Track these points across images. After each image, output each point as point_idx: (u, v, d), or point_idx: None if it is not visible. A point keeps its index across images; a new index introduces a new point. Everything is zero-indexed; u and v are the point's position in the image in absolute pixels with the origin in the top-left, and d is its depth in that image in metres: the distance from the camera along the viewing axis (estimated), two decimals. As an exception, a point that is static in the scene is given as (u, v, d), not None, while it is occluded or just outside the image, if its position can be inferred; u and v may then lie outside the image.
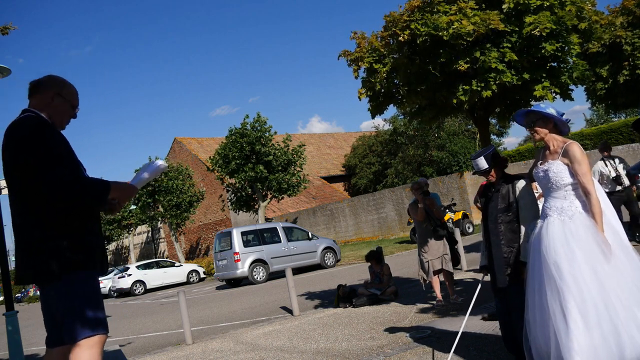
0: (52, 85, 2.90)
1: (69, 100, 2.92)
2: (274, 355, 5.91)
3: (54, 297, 2.68)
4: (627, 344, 2.99)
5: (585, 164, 3.32)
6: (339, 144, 41.92)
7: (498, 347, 4.58)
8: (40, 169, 2.57)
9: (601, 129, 32.66)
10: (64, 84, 2.94)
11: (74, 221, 2.70)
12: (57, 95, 2.87)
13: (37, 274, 2.65)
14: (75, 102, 2.97)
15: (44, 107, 2.84)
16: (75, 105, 2.97)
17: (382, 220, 25.66)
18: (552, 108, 3.48)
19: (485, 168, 4.00)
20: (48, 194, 2.58)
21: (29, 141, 2.61)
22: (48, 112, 2.84)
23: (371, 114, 8.05)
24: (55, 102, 2.86)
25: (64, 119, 2.92)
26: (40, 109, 2.83)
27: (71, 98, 2.94)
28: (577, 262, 3.15)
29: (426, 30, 6.26)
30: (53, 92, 2.87)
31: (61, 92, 2.90)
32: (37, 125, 2.67)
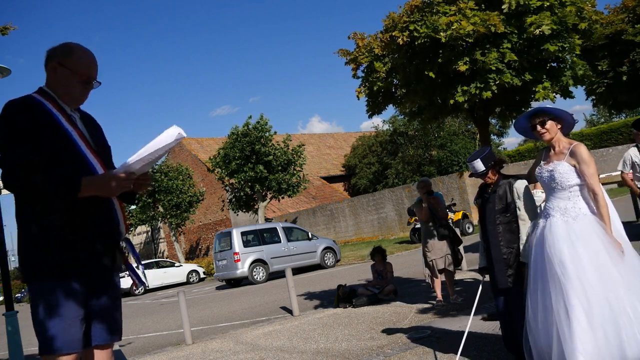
0: (54, 55, 2.50)
1: (75, 71, 2.47)
2: (274, 355, 5.91)
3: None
4: (631, 344, 2.99)
5: (593, 165, 3.33)
6: (338, 144, 41.91)
7: (498, 347, 4.58)
8: (2, 151, 2.30)
9: (601, 129, 32.67)
10: (70, 51, 2.49)
11: (47, 215, 2.32)
12: (60, 66, 2.47)
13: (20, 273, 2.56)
14: (83, 72, 2.49)
15: (50, 82, 2.50)
16: (84, 75, 2.49)
17: (382, 221, 25.66)
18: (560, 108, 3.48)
19: (482, 170, 3.98)
20: (2, 178, 2.28)
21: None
22: (54, 87, 2.49)
23: (369, 114, 8.05)
24: (58, 75, 2.47)
25: (72, 93, 2.50)
26: (49, 84, 2.50)
27: (77, 68, 2.47)
28: (582, 262, 3.15)
29: (425, 32, 6.26)
30: (55, 63, 2.48)
31: (64, 62, 2.47)
32: (13, 106, 2.35)
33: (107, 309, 2.46)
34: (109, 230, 2.46)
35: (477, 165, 3.97)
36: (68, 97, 2.50)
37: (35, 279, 2.31)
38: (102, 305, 2.45)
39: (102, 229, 2.43)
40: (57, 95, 2.48)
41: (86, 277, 2.36)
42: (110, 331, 2.48)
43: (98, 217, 2.42)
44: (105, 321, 2.45)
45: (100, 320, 2.44)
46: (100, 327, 2.44)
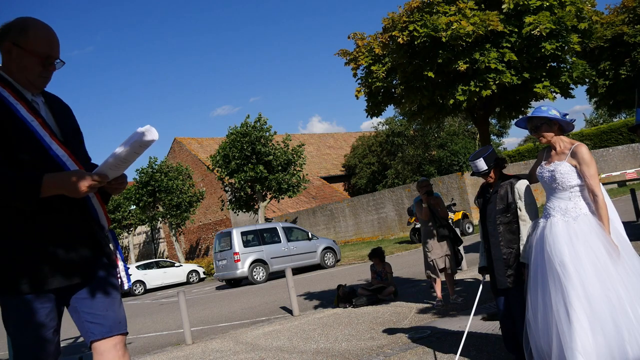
0: (7, 33, 2.19)
1: (32, 51, 2.16)
2: (274, 355, 5.91)
3: None
4: (632, 344, 2.99)
5: (594, 165, 3.33)
6: (338, 144, 41.92)
7: (498, 347, 4.59)
8: None
9: (601, 129, 32.67)
10: (24, 28, 2.17)
11: (8, 219, 2.11)
12: (14, 47, 2.17)
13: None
14: (42, 51, 2.17)
15: (5, 65, 2.22)
16: (43, 55, 2.18)
17: (382, 221, 25.66)
18: (554, 109, 3.48)
19: (484, 170, 3.98)
20: None
21: None
22: (10, 70, 2.21)
23: (369, 114, 8.05)
24: (14, 56, 2.18)
25: (29, 76, 2.20)
26: (4, 68, 2.23)
27: (34, 47, 2.16)
28: (582, 262, 3.15)
29: (425, 32, 6.26)
30: (8, 43, 2.18)
31: (18, 41, 2.16)
32: None
33: (98, 306, 2.29)
34: (85, 223, 2.26)
35: (480, 165, 3.97)
36: (27, 81, 2.21)
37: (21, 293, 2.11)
38: (90, 305, 2.28)
39: (77, 224, 2.22)
40: (15, 80, 2.20)
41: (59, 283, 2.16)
42: (109, 325, 2.31)
43: (70, 212, 2.21)
44: (99, 316, 2.29)
45: (92, 317, 2.28)
46: (95, 322, 2.29)
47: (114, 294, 2.37)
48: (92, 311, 2.27)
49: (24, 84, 2.22)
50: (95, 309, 2.27)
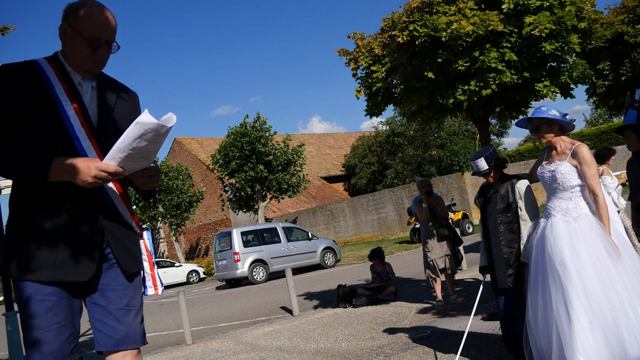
0: (65, 14, 2.11)
1: (81, 32, 2.05)
2: (274, 355, 5.91)
3: None
4: (632, 344, 2.99)
5: (594, 166, 3.33)
6: (338, 144, 41.92)
7: (498, 347, 4.59)
8: None
9: (601, 129, 32.66)
10: (78, 8, 2.08)
11: (23, 203, 2.05)
12: (68, 27, 2.08)
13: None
14: (90, 33, 2.05)
15: (62, 46, 2.14)
16: (91, 37, 2.05)
17: (382, 221, 25.66)
18: (554, 109, 3.48)
19: (485, 169, 3.98)
20: None
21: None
22: (64, 52, 2.14)
23: (369, 114, 8.05)
24: (67, 37, 2.10)
25: (79, 58, 2.09)
26: (62, 49, 2.16)
27: (83, 28, 2.05)
28: (582, 262, 3.15)
29: (425, 32, 6.26)
30: (64, 24, 2.09)
31: (71, 22, 2.07)
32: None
33: (109, 315, 2.14)
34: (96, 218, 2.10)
35: (481, 164, 3.97)
36: (77, 64, 2.11)
37: (17, 277, 2.04)
38: (101, 312, 2.15)
39: (87, 218, 2.08)
40: (68, 62, 2.13)
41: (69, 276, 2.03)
42: (117, 339, 2.15)
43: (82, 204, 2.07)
44: (108, 326, 2.14)
45: (101, 326, 2.15)
46: (103, 332, 2.15)
47: (132, 303, 2.20)
48: (102, 319, 2.14)
49: (75, 67, 2.12)
50: (105, 317, 2.14)
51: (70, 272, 2.02)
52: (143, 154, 1.99)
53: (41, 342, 2.00)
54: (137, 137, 1.90)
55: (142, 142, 1.92)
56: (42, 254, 1.99)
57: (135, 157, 1.98)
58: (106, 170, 1.93)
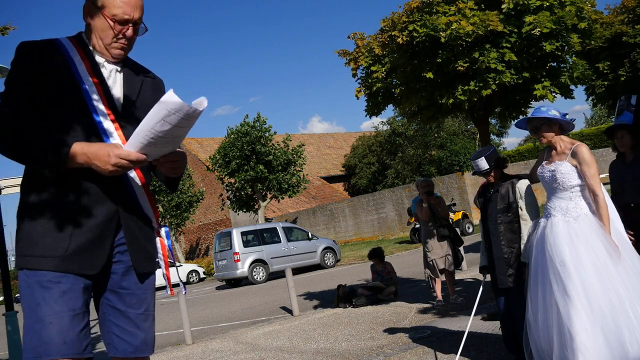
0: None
1: (104, 11, 1.91)
2: (274, 355, 5.91)
3: None
4: (632, 344, 2.99)
5: (594, 165, 3.33)
6: (338, 144, 41.92)
7: (498, 347, 4.59)
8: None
9: (601, 129, 32.67)
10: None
11: (36, 187, 1.89)
12: (92, 5, 1.94)
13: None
14: (115, 12, 1.91)
15: (86, 26, 2.01)
16: (116, 15, 1.91)
17: (382, 221, 25.66)
18: (554, 109, 3.48)
19: (486, 169, 3.98)
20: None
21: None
22: (88, 31, 2.00)
23: (368, 114, 8.06)
24: (91, 16, 1.96)
25: (104, 39, 1.95)
26: (86, 30, 2.02)
27: (106, 7, 1.91)
28: (583, 262, 3.15)
29: (425, 32, 6.26)
30: (89, 3, 1.96)
31: (96, 0, 1.93)
32: (22, 47, 1.91)
33: (128, 320, 2.01)
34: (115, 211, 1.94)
35: (481, 164, 3.98)
36: (101, 46, 1.96)
37: (22, 265, 1.88)
38: (119, 316, 2.00)
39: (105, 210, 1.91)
40: (90, 42, 1.98)
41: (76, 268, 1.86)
42: (135, 345, 2.01)
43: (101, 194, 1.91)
44: (127, 332, 2.00)
45: (119, 331, 2.00)
46: (122, 338, 2.00)
47: (150, 308, 2.08)
48: (120, 324, 2.00)
49: (100, 49, 1.97)
50: (124, 322, 2.00)
51: (78, 264, 1.86)
52: (167, 139, 1.80)
53: (55, 330, 1.78)
54: (160, 120, 1.71)
55: (165, 125, 1.73)
56: (53, 243, 1.83)
57: (159, 143, 1.80)
58: (127, 158, 1.77)
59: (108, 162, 1.77)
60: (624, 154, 4.31)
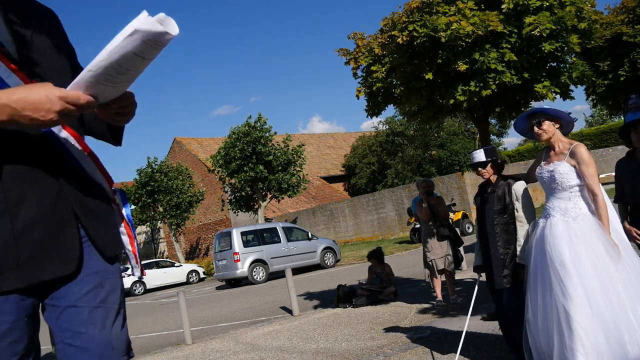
0: None
1: None
2: (273, 355, 5.91)
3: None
4: (632, 345, 3.00)
5: (593, 166, 3.34)
6: (338, 144, 41.93)
7: (498, 347, 4.59)
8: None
9: (601, 129, 32.69)
10: None
11: None
12: None
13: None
14: None
15: None
16: None
17: (382, 221, 25.67)
18: (556, 109, 3.50)
19: (482, 160, 4.03)
20: None
21: None
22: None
23: (369, 114, 8.06)
24: None
25: None
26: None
27: None
28: (582, 262, 3.16)
29: (425, 32, 6.27)
30: None
31: None
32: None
33: (80, 320, 1.48)
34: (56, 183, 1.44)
35: (478, 155, 4.05)
36: None
37: None
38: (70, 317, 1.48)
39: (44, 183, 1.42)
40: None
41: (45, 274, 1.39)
42: (97, 353, 1.48)
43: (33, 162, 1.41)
44: (81, 335, 1.48)
45: (70, 336, 1.48)
46: (74, 347, 1.48)
47: (111, 299, 1.55)
48: (72, 327, 1.47)
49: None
50: (75, 324, 1.47)
51: (44, 266, 1.38)
52: (127, 77, 1.37)
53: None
54: (130, 51, 1.29)
55: (133, 59, 1.31)
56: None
57: (116, 81, 1.36)
58: (76, 102, 1.29)
59: (51, 109, 1.25)
60: (634, 152, 4.28)
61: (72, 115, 1.32)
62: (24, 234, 1.36)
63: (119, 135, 1.71)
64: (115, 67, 1.31)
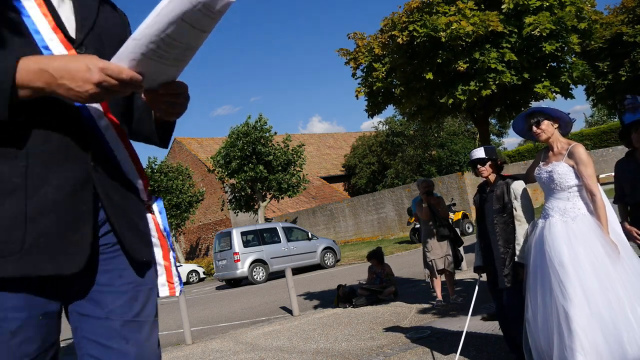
0: None
1: None
2: (273, 355, 5.91)
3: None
4: (631, 345, 3.00)
5: (591, 166, 3.35)
6: (338, 144, 41.93)
7: (498, 347, 4.59)
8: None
9: (601, 129, 32.71)
10: None
11: None
12: None
13: None
14: None
15: None
16: None
17: (382, 221, 25.67)
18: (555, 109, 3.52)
19: (481, 156, 4.04)
20: None
21: None
22: None
23: (369, 114, 8.07)
24: None
25: None
26: None
27: None
28: (581, 262, 3.16)
29: (425, 32, 6.28)
30: None
31: None
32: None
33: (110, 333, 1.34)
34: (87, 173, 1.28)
35: (478, 152, 4.08)
36: None
37: None
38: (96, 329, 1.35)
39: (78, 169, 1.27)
40: None
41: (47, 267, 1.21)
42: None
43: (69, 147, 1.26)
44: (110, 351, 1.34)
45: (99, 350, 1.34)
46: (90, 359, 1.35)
47: (146, 312, 1.41)
48: (99, 339, 1.34)
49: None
50: (104, 336, 1.34)
51: (49, 259, 1.21)
52: (177, 53, 1.19)
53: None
54: (178, 18, 1.10)
55: (182, 28, 1.12)
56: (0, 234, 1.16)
57: (164, 58, 1.18)
58: (117, 75, 1.14)
59: (89, 79, 1.11)
60: (634, 153, 4.27)
61: (113, 90, 1.15)
62: (35, 218, 1.19)
63: (167, 134, 1.54)
64: (163, 36, 1.12)
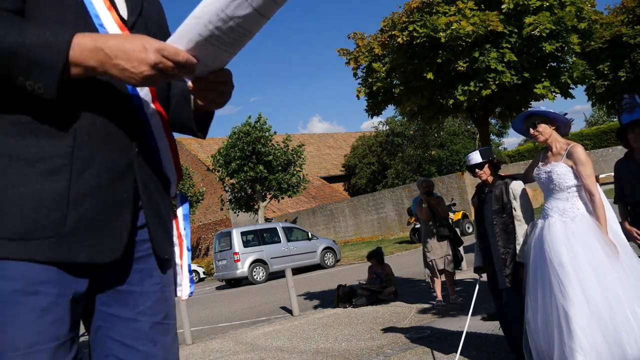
0: None
1: None
2: (273, 355, 5.91)
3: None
4: (631, 345, 3.00)
5: (590, 166, 3.35)
6: (338, 144, 41.94)
7: (498, 347, 4.59)
8: None
9: (601, 129, 32.71)
10: None
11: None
12: None
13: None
14: None
15: None
16: None
17: (382, 221, 25.67)
18: (553, 110, 3.52)
19: (478, 162, 4.04)
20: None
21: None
22: None
23: (369, 114, 8.08)
24: None
25: None
26: None
27: None
28: (580, 263, 3.17)
29: (425, 32, 6.28)
30: None
31: None
32: None
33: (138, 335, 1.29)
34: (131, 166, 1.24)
35: (475, 157, 4.08)
36: None
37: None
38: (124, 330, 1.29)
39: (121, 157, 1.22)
40: None
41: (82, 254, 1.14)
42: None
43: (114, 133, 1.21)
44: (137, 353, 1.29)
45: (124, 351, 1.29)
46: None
47: (171, 315, 1.38)
48: (127, 341, 1.29)
49: None
50: (131, 338, 1.29)
51: (86, 246, 1.15)
52: (234, 38, 1.14)
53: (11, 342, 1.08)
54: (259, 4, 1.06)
55: (243, 10, 1.07)
56: (38, 214, 1.10)
57: (222, 42, 1.14)
58: (174, 57, 1.10)
59: (145, 60, 1.07)
60: (633, 153, 4.27)
61: (167, 73, 1.11)
62: (77, 201, 1.14)
63: (206, 124, 1.49)
64: (223, 16, 1.07)
